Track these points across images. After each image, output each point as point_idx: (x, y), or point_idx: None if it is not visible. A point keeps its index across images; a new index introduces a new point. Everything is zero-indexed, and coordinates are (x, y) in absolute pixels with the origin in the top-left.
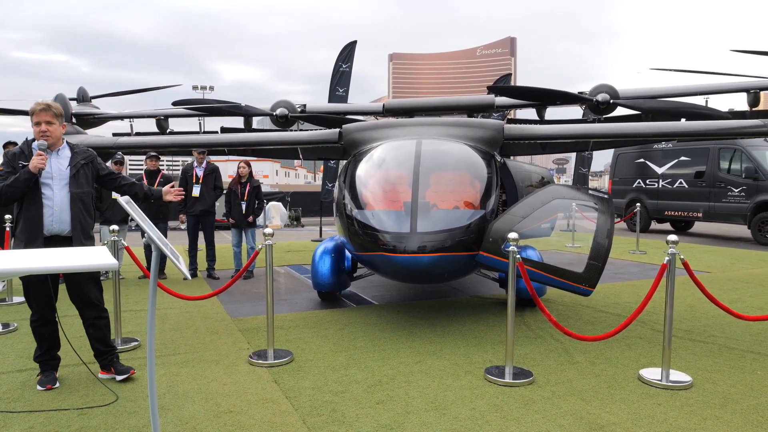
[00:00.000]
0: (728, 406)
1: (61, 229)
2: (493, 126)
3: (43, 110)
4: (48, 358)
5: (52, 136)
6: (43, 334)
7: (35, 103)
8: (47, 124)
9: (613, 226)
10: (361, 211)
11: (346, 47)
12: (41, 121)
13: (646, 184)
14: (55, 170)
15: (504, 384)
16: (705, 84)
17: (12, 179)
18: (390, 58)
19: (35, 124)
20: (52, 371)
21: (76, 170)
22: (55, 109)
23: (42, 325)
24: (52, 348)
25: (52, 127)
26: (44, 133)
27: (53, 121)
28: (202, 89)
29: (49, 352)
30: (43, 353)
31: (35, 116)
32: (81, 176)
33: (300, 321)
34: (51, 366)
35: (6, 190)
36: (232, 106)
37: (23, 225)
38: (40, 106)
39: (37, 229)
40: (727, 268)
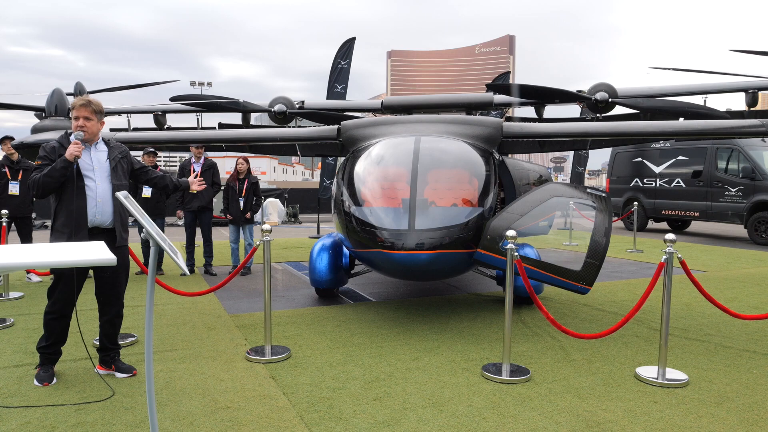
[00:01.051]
0: (724, 404)
1: (103, 221)
2: (491, 124)
3: (82, 106)
4: (52, 351)
5: (90, 131)
6: (55, 327)
7: (76, 99)
8: (85, 119)
9: (611, 225)
10: (359, 208)
11: (345, 44)
12: (80, 116)
13: (643, 183)
14: (96, 162)
15: (501, 381)
16: (703, 83)
17: (48, 169)
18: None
19: (74, 118)
20: (50, 366)
21: (115, 163)
22: (94, 105)
23: (57, 318)
24: (59, 342)
25: (90, 123)
26: (82, 127)
27: (91, 117)
28: (200, 85)
29: (55, 345)
30: (48, 345)
31: (75, 111)
32: (119, 170)
33: (297, 317)
34: (51, 360)
35: (43, 179)
36: (230, 102)
37: (66, 217)
38: (80, 102)
39: (82, 221)
40: (724, 267)
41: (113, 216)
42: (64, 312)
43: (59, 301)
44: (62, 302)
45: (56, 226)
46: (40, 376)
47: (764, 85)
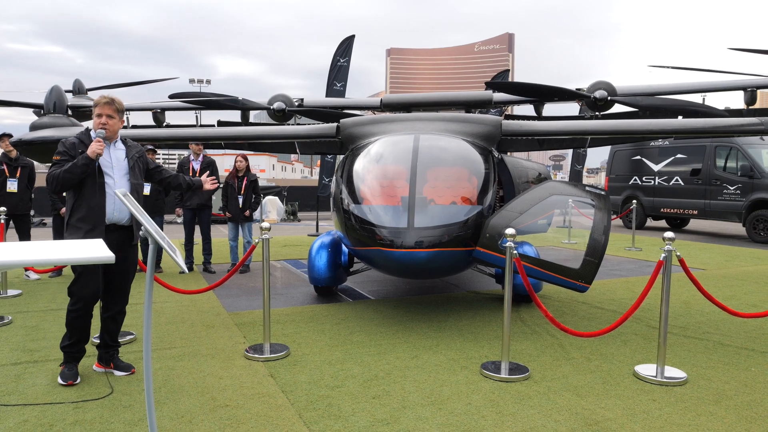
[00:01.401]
0: (722, 402)
1: (120, 218)
2: (490, 122)
3: (106, 104)
4: (75, 349)
5: (111, 129)
6: (79, 324)
7: (100, 96)
8: (108, 117)
9: (610, 223)
10: (359, 206)
11: (344, 42)
12: (103, 113)
13: (642, 182)
14: (115, 160)
15: (500, 379)
16: (702, 82)
17: (70, 165)
18: (388, 53)
19: (97, 116)
20: (74, 364)
21: (133, 162)
22: (117, 104)
23: (81, 316)
24: (82, 340)
25: (112, 121)
26: (104, 125)
27: (114, 115)
28: (199, 83)
29: (79, 343)
30: (72, 343)
31: (98, 108)
32: (137, 169)
33: (296, 315)
34: (75, 358)
35: (63, 175)
36: (229, 99)
37: (85, 213)
38: (104, 100)
39: (100, 217)
40: (722, 265)
41: (130, 213)
42: (87, 309)
43: (83, 298)
44: (86, 299)
45: (72, 222)
46: (64, 374)
47: (763, 83)
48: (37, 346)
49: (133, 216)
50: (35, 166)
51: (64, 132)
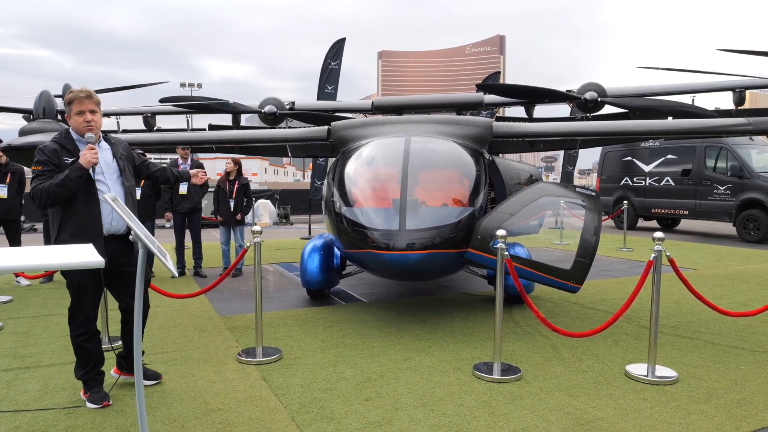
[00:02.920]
0: (713, 401)
1: (119, 228)
2: (481, 124)
3: (86, 98)
4: (95, 374)
5: (97, 126)
6: (89, 348)
7: (73, 90)
8: (91, 113)
9: (601, 224)
10: (350, 209)
11: (335, 44)
12: (85, 110)
13: (633, 182)
14: (104, 164)
15: (492, 380)
16: (692, 83)
17: (62, 178)
18: (379, 55)
19: (77, 113)
20: (99, 387)
21: (123, 163)
22: (96, 96)
23: (88, 339)
24: (98, 364)
25: (96, 116)
26: (89, 123)
27: (96, 109)
28: (190, 86)
29: (95, 368)
30: (88, 371)
31: (77, 104)
32: (127, 169)
33: (289, 319)
34: (98, 382)
35: (55, 190)
36: (220, 103)
37: (77, 227)
38: (82, 93)
39: (96, 231)
40: (713, 265)
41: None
42: (93, 329)
43: (86, 320)
44: (89, 320)
45: (62, 237)
46: (93, 399)
47: (751, 84)
48: (29, 352)
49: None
50: (25, 172)
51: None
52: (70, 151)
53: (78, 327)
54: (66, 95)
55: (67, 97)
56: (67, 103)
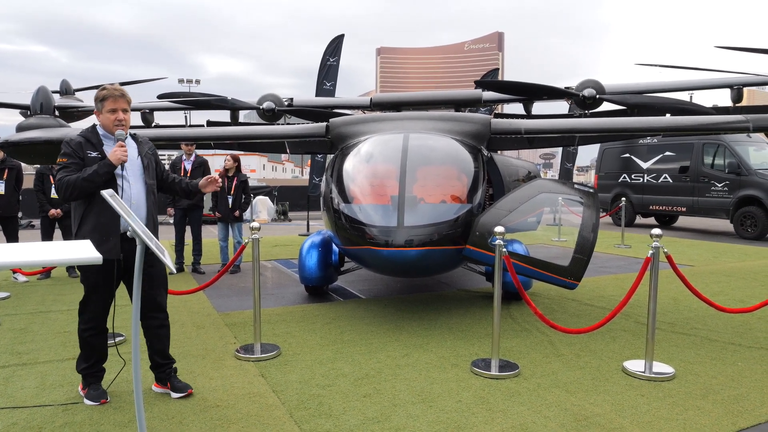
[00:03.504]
0: (709, 397)
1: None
2: (480, 120)
3: (120, 97)
4: (95, 370)
5: (126, 124)
6: (95, 345)
7: (108, 88)
8: (123, 112)
9: (599, 221)
10: (348, 205)
11: (334, 41)
12: (118, 108)
13: (631, 179)
14: (128, 160)
15: (490, 376)
16: (689, 80)
17: (90, 172)
18: (378, 52)
19: (110, 111)
20: (98, 383)
21: (147, 160)
22: (128, 96)
23: (95, 335)
24: (101, 360)
25: (127, 116)
26: (121, 121)
27: (128, 108)
28: (188, 83)
29: (97, 364)
30: (90, 365)
31: (111, 102)
32: (150, 167)
33: (287, 315)
34: (97, 378)
35: (81, 183)
36: (218, 99)
37: (96, 223)
38: (117, 92)
39: (114, 227)
40: (710, 261)
41: (147, 219)
42: (101, 326)
43: (96, 316)
44: (99, 317)
45: (82, 231)
46: (91, 396)
47: (749, 81)
48: (26, 349)
49: (150, 222)
50: (22, 168)
51: (52, 133)
52: (95, 145)
53: (86, 321)
54: (99, 92)
55: (100, 93)
56: (100, 100)
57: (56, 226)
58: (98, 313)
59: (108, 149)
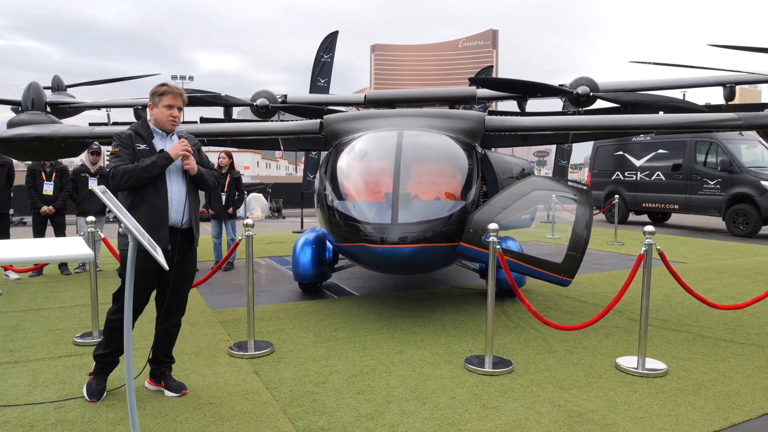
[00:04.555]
0: (701, 393)
1: (176, 220)
2: (474, 117)
3: (180, 95)
4: (109, 361)
5: (178, 123)
6: (117, 336)
7: (167, 84)
8: (179, 110)
9: (592, 218)
10: (342, 202)
11: (328, 38)
12: (175, 105)
13: (624, 177)
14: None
15: (484, 373)
16: (682, 78)
17: (148, 163)
18: (372, 49)
19: (167, 106)
20: (103, 378)
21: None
22: (185, 96)
23: (121, 326)
24: (118, 351)
25: (180, 114)
26: (175, 118)
27: (183, 108)
28: (182, 79)
29: (114, 354)
30: (108, 353)
31: (170, 98)
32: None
33: (281, 312)
34: (106, 370)
35: (139, 173)
36: (211, 95)
37: (146, 214)
38: (176, 90)
39: (163, 218)
40: (702, 258)
41: (189, 215)
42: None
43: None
44: (134, 308)
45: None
46: (90, 389)
47: (741, 79)
48: (17, 347)
49: (192, 218)
50: (14, 164)
51: (43, 129)
52: (144, 138)
53: (115, 312)
54: (158, 87)
55: (160, 88)
56: (159, 94)
57: (48, 223)
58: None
59: (157, 143)
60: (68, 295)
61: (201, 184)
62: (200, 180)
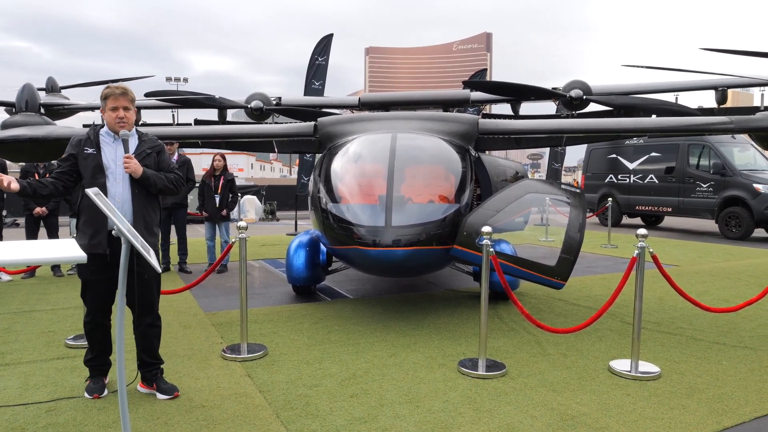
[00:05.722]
0: (694, 396)
1: None
2: (468, 120)
3: (122, 95)
4: (98, 363)
5: (129, 123)
6: (95, 337)
7: (110, 86)
8: (125, 110)
9: (585, 221)
10: (336, 205)
11: (323, 40)
12: (119, 106)
13: (618, 180)
14: (119, 158)
15: (477, 376)
16: (675, 81)
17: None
18: (366, 51)
19: (111, 109)
20: (101, 377)
21: (140, 159)
22: (131, 93)
23: (94, 328)
24: (102, 353)
25: (129, 114)
26: (122, 119)
27: (130, 106)
28: (176, 81)
29: (99, 357)
30: (93, 357)
31: (112, 100)
32: (148, 166)
33: (274, 315)
34: (100, 371)
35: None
36: (206, 98)
37: (87, 216)
38: (118, 90)
39: (100, 224)
40: (696, 261)
41: (135, 218)
42: (99, 321)
43: (92, 310)
44: (95, 311)
45: (79, 225)
46: (90, 388)
47: (733, 83)
48: (9, 349)
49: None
50: (7, 166)
51: (37, 131)
52: (92, 142)
53: (86, 314)
54: (103, 90)
55: (103, 92)
56: (103, 98)
57: (41, 224)
58: (95, 307)
59: (106, 146)
60: (61, 297)
61: (149, 187)
62: (147, 183)
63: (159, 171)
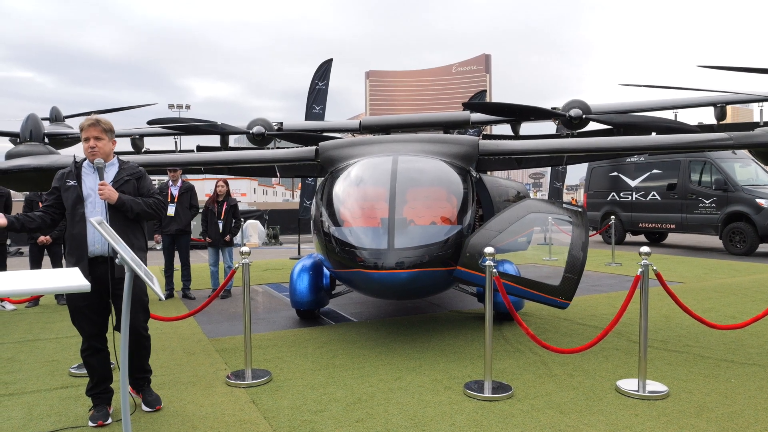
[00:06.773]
0: (704, 415)
1: (103, 251)
2: (468, 142)
3: (91, 125)
4: (99, 391)
5: (101, 152)
6: (93, 364)
7: (86, 118)
8: (96, 139)
9: (588, 239)
10: (339, 228)
11: (322, 65)
12: (90, 136)
13: (620, 197)
14: (94, 185)
15: (483, 399)
16: (674, 99)
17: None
18: (367, 75)
19: (84, 140)
20: (104, 406)
21: (118, 186)
22: (103, 124)
23: (90, 355)
24: (103, 381)
25: (101, 143)
26: (93, 148)
27: (102, 136)
28: (179, 108)
29: (100, 384)
30: (94, 386)
31: (84, 132)
32: (127, 193)
33: (278, 340)
34: (103, 400)
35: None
36: (208, 124)
37: (70, 245)
38: (89, 122)
39: (82, 250)
40: (701, 278)
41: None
42: (95, 346)
43: (86, 337)
44: (89, 336)
45: (66, 253)
46: (93, 417)
47: (732, 99)
48: (13, 379)
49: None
50: (11, 195)
51: (41, 160)
52: (75, 175)
53: (82, 342)
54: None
55: (80, 125)
56: (80, 130)
57: (45, 253)
58: (89, 333)
59: (87, 177)
60: (64, 325)
61: (126, 212)
62: (123, 208)
63: (139, 196)
